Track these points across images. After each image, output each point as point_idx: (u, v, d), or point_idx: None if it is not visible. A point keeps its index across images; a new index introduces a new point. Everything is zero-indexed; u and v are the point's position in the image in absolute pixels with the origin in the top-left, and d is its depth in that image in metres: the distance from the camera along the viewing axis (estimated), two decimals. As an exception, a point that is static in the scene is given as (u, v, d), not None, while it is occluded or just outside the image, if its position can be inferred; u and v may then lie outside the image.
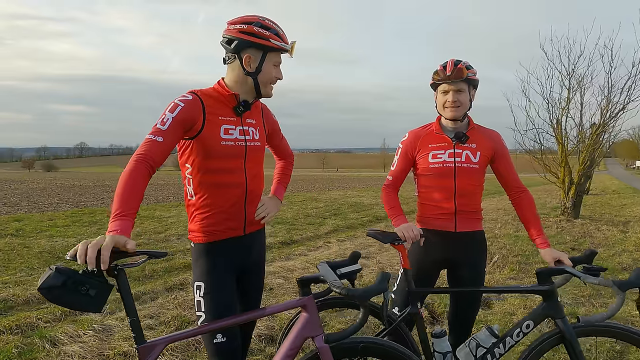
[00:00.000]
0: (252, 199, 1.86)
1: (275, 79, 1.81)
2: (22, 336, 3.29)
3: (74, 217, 9.62)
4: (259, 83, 1.76)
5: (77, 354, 2.99)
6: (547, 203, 14.48)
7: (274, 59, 1.76)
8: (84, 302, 1.24)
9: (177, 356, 2.99)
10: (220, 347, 1.69)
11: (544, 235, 2.08)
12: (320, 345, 1.54)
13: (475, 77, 2.09)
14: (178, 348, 3.06)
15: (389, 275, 1.46)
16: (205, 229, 1.78)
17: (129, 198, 1.41)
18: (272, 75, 1.78)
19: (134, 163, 1.51)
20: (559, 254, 1.96)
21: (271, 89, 1.83)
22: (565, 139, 10.12)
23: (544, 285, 1.90)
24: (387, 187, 2.26)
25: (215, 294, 1.74)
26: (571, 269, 1.84)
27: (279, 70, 1.81)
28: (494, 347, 1.92)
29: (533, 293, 2.02)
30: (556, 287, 1.91)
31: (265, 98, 1.87)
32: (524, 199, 2.17)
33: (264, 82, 1.77)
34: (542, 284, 1.90)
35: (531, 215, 2.14)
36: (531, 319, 1.91)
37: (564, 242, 7.24)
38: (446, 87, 2.08)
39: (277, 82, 1.82)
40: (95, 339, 3.23)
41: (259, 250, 1.96)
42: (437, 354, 2.01)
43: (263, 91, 1.80)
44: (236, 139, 1.77)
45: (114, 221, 1.33)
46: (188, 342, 3.12)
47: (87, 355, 3.00)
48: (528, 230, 2.14)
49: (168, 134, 1.60)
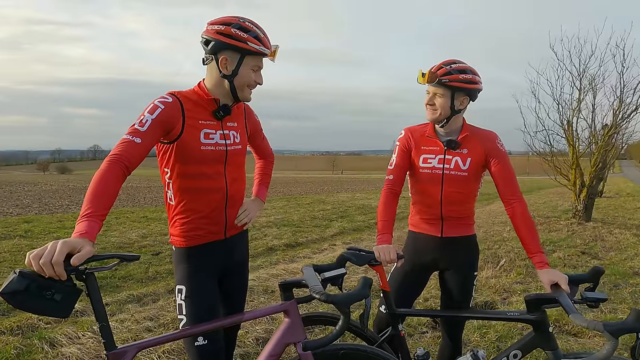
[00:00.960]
0: (233, 203, 1.83)
1: (253, 83, 1.75)
2: (22, 337, 3.31)
3: (82, 219, 9.73)
4: (235, 86, 1.72)
5: (75, 356, 2.99)
6: (558, 206, 14.22)
7: (251, 62, 1.70)
8: (49, 308, 1.19)
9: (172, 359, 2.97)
10: (202, 350, 1.67)
11: (542, 254, 1.87)
12: (302, 351, 1.51)
13: (456, 84, 1.93)
14: (175, 351, 3.05)
15: (371, 281, 1.42)
16: (185, 233, 1.76)
17: (100, 199, 1.36)
18: (250, 79, 1.72)
19: (108, 163, 1.46)
20: (558, 276, 1.71)
21: (249, 92, 1.77)
22: (576, 141, 9.93)
23: (533, 314, 1.74)
24: (387, 192, 2.12)
25: (196, 298, 1.72)
26: (564, 299, 1.61)
27: (258, 75, 1.76)
28: None
29: (521, 322, 1.84)
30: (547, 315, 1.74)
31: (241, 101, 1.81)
32: (516, 210, 1.96)
33: (240, 85, 1.72)
34: (531, 312, 1.74)
35: (526, 230, 1.92)
36: (519, 348, 1.79)
37: (574, 246, 7.08)
38: (427, 88, 2.04)
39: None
40: (93, 341, 3.24)
41: (242, 252, 1.94)
42: None
43: (240, 95, 1.75)
44: (216, 144, 1.74)
45: (81, 222, 1.29)
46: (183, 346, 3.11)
47: (84, 357, 3.00)
48: (524, 246, 1.93)
49: (146, 135, 1.56)
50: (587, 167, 9.94)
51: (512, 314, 1.87)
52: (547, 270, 1.80)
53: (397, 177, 2.14)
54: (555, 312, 3.88)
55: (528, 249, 1.91)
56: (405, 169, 2.16)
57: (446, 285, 2.17)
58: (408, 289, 2.17)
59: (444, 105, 1.98)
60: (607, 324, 1.39)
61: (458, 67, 1.96)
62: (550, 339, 1.72)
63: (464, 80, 1.94)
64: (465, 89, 1.96)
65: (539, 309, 1.74)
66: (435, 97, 2.00)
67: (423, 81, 2.00)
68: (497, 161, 2.03)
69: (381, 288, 1.99)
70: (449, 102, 1.97)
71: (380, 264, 1.91)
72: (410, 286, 2.17)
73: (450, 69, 1.95)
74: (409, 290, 2.17)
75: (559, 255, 6.32)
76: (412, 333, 3.50)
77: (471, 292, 2.14)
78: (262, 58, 1.74)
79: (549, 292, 1.72)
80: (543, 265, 1.83)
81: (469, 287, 2.13)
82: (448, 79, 1.93)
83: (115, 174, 1.46)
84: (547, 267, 1.81)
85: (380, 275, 1.96)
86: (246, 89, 1.75)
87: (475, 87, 1.99)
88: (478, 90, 2.01)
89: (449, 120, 2.02)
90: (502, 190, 2.02)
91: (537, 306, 1.74)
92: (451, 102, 1.97)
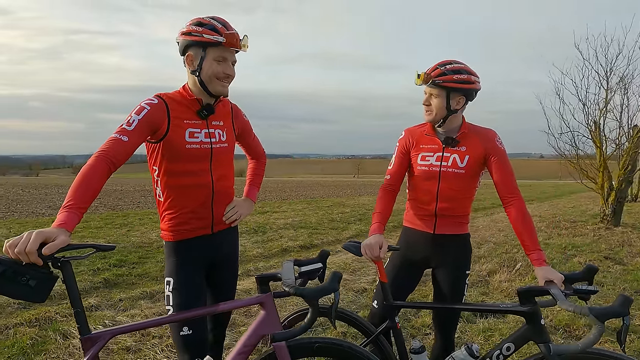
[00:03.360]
0: (220, 199, 1.89)
1: (221, 74, 1.76)
2: (38, 329, 3.49)
3: (107, 220, 10.09)
4: (202, 80, 1.76)
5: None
6: (588, 210, 13.71)
7: (213, 54, 1.73)
8: (23, 292, 1.27)
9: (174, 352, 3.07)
10: (186, 340, 1.74)
11: (540, 251, 1.86)
12: (277, 343, 1.55)
13: (451, 84, 1.94)
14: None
15: (340, 275, 1.45)
16: (173, 228, 1.83)
17: (83, 192, 1.44)
18: (215, 71, 1.74)
19: (95, 159, 1.54)
20: (553, 274, 1.73)
21: (220, 85, 1.79)
22: (604, 142, 9.57)
23: (525, 306, 1.74)
24: (384, 189, 2.18)
25: (184, 290, 1.78)
26: (555, 289, 1.62)
27: (226, 66, 1.77)
28: None
29: (513, 314, 1.82)
30: (540, 308, 1.73)
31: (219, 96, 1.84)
32: (515, 208, 1.96)
33: (206, 78, 1.76)
34: (523, 304, 1.74)
35: (524, 228, 1.91)
36: (512, 341, 1.78)
37: (598, 251, 6.82)
38: (424, 89, 2.05)
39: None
40: (103, 334, 3.38)
41: (230, 246, 1.99)
42: None
43: (211, 88, 1.78)
44: (201, 142, 1.81)
45: (61, 213, 1.37)
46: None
47: (93, 349, 3.13)
48: (522, 244, 1.92)
49: (133, 134, 1.64)
50: (616, 170, 9.57)
51: (505, 306, 1.86)
52: (544, 267, 1.80)
53: (395, 176, 2.18)
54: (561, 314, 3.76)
55: (526, 246, 1.90)
56: (404, 169, 2.19)
57: (438, 283, 2.17)
58: (400, 283, 2.17)
59: (439, 106, 2.00)
60: (593, 308, 1.41)
61: (453, 67, 1.97)
62: (542, 331, 1.71)
63: (458, 80, 1.94)
64: (461, 89, 1.97)
65: (531, 301, 1.74)
66: (431, 97, 2.02)
67: (419, 82, 2.02)
68: (496, 159, 2.02)
69: (379, 279, 2.02)
70: (445, 102, 1.98)
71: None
72: (402, 281, 2.18)
73: (445, 69, 1.96)
74: (401, 285, 2.18)
75: (578, 260, 6.11)
76: (415, 334, 3.47)
77: (463, 291, 2.13)
78: (228, 49, 1.75)
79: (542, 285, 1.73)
80: (541, 263, 1.83)
81: (460, 286, 2.12)
82: (442, 79, 1.95)
83: (101, 169, 1.54)
84: (545, 265, 1.81)
85: (378, 267, 2.00)
86: (215, 81, 1.77)
87: (471, 87, 1.98)
88: (474, 90, 2.00)
89: (445, 120, 2.03)
90: (501, 188, 2.02)
91: (529, 298, 1.74)
92: (447, 103, 1.98)
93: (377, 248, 1.91)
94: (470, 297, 4.55)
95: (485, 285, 4.99)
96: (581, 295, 1.66)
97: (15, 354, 3.05)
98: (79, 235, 7.84)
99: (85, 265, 5.61)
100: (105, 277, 5.08)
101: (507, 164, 2.04)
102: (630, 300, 1.43)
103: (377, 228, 2.03)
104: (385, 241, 1.96)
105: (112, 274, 5.24)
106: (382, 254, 1.91)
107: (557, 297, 1.57)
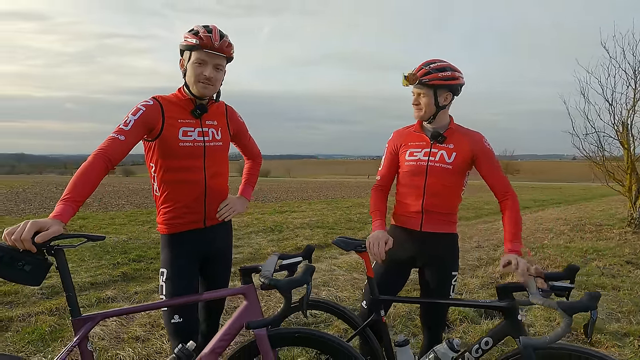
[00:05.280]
0: (213, 195, 1.98)
1: (200, 76, 1.83)
2: (58, 317, 3.70)
3: (131, 217, 10.47)
4: (186, 82, 1.88)
5: (97, 336, 3.31)
6: (617, 214, 13.20)
7: (194, 57, 1.83)
8: (20, 277, 1.39)
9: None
10: (177, 327, 1.84)
11: (516, 242, 1.91)
12: (258, 332, 1.62)
13: (437, 82, 2.02)
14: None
15: (312, 268, 1.52)
16: (168, 221, 1.94)
17: (81, 187, 1.56)
18: (195, 72, 1.83)
19: (93, 157, 1.66)
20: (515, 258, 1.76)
21: (202, 87, 1.86)
22: (632, 143, 9.22)
23: (502, 302, 1.79)
24: (376, 189, 2.29)
25: (176, 280, 1.89)
26: (530, 285, 1.65)
27: (206, 68, 1.83)
28: None
29: (491, 309, 1.87)
30: (518, 304, 1.77)
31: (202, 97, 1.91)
32: (507, 203, 2.04)
33: (189, 81, 1.87)
34: (502, 300, 1.79)
35: (509, 219, 2.00)
36: (490, 336, 1.83)
37: (620, 255, 6.60)
38: (412, 89, 2.13)
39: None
40: (116, 324, 3.55)
41: (223, 241, 2.09)
42: None
43: (193, 90, 1.88)
44: (194, 140, 1.91)
45: (59, 205, 1.49)
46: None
47: (105, 337, 3.30)
48: (505, 235, 1.99)
49: (130, 133, 1.76)
50: (644, 172, 9.20)
51: (484, 301, 1.92)
52: (511, 255, 1.82)
53: (386, 177, 2.28)
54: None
55: (506, 237, 1.97)
56: (394, 169, 2.26)
57: (424, 283, 2.21)
58: (389, 280, 2.21)
59: (428, 103, 2.08)
60: (562, 302, 1.48)
61: (437, 66, 2.05)
62: (519, 326, 1.76)
63: (443, 77, 2.03)
64: (447, 86, 2.05)
65: (509, 297, 1.79)
66: (419, 97, 2.10)
67: (406, 83, 2.09)
68: (485, 160, 2.09)
69: (367, 274, 2.09)
70: (433, 99, 2.07)
71: (365, 250, 2.04)
72: (390, 277, 2.22)
73: (430, 68, 2.04)
74: (389, 282, 2.21)
75: (597, 265, 5.93)
76: (417, 333, 3.49)
77: (449, 292, 2.14)
78: (206, 52, 1.82)
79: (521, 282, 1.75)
80: (510, 251, 1.88)
81: (447, 286, 2.14)
82: (428, 78, 2.03)
83: (98, 166, 1.66)
84: (514, 254, 1.83)
85: (365, 261, 2.07)
86: (197, 84, 1.86)
87: (456, 83, 2.07)
88: (459, 85, 2.09)
89: (435, 116, 2.11)
90: (495, 187, 2.09)
91: (507, 293, 1.79)
92: (435, 99, 2.07)
93: (383, 243, 1.99)
94: (480, 298, 4.51)
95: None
96: (558, 291, 1.69)
97: (35, 339, 3.26)
98: (104, 231, 8.18)
99: (106, 260, 5.88)
100: (123, 271, 5.31)
101: (496, 163, 2.12)
102: (599, 295, 1.46)
103: (380, 225, 2.13)
104: (390, 238, 2.03)
105: (131, 268, 5.47)
106: (387, 247, 1.99)
107: (530, 292, 1.62)
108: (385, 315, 2.15)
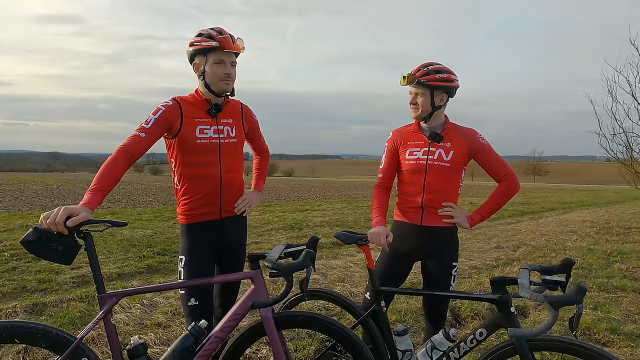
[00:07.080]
0: (228, 188, 2.13)
1: (222, 74, 1.99)
2: (87, 304, 3.97)
3: (158, 213, 10.85)
4: (207, 83, 2.02)
5: (122, 321, 3.54)
6: (649, 217, 12.75)
7: (212, 58, 1.98)
8: (53, 255, 1.58)
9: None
10: (193, 309, 2.01)
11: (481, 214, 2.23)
12: (264, 314, 1.76)
13: (434, 83, 2.13)
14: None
15: (312, 254, 1.64)
16: (186, 212, 2.10)
17: (105, 178, 1.75)
18: (216, 72, 1.99)
19: (117, 152, 1.85)
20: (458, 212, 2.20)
21: (225, 83, 2.01)
22: (662, 144, 8.95)
23: (495, 294, 1.85)
24: (377, 186, 2.39)
25: (193, 266, 2.05)
26: (522, 279, 1.68)
27: (226, 67, 1.99)
28: (449, 351, 1.97)
29: (485, 301, 1.94)
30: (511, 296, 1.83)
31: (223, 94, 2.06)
32: (500, 185, 2.23)
33: (211, 80, 2.01)
34: (495, 293, 1.86)
35: (490, 196, 2.25)
36: (484, 327, 1.90)
37: (645, 258, 6.44)
38: (409, 89, 2.23)
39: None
40: (140, 311, 3.78)
41: (238, 232, 2.23)
42: (399, 352, 2.12)
43: (214, 88, 2.02)
44: (210, 137, 2.06)
45: (87, 194, 1.68)
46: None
47: (130, 323, 3.53)
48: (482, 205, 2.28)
49: (150, 131, 1.94)
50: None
51: (478, 294, 2.01)
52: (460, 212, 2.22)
53: (387, 174, 2.39)
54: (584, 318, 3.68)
55: (481, 207, 2.26)
56: (394, 166, 2.37)
57: (426, 275, 2.32)
58: (390, 273, 2.31)
59: (424, 103, 2.19)
60: (548, 296, 1.53)
61: (434, 68, 2.17)
62: (512, 318, 1.82)
63: (440, 79, 2.15)
64: (443, 87, 2.16)
65: (502, 289, 1.86)
66: (417, 96, 2.21)
67: (404, 83, 2.21)
68: (482, 153, 2.24)
69: (367, 267, 2.20)
70: (429, 99, 2.18)
71: (367, 244, 2.18)
72: (392, 271, 2.32)
73: (428, 70, 2.16)
74: (391, 275, 2.31)
75: (619, 267, 5.82)
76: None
77: (450, 282, 2.24)
78: (224, 52, 1.97)
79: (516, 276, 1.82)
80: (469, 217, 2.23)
81: (447, 277, 2.24)
82: (426, 79, 2.14)
83: (122, 161, 1.85)
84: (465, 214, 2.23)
85: (366, 254, 2.18)
86: (219, 82, 2.01)
87: (452, 85, 2.18)
88: (455, 87, 2.20)
89: (431, 115, 2.21)
90: (494, 172, 2.25)
91: (501, 287, 1.86)
92: (431, 100, 2.17)
93: (384, 236, 2.11)
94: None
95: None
96: (549, 285, 1.74)
97: (66, 323, 3.51)
98: (131, 226, 8.53)
99: (133, 253, 6.17)
100: (148, 263, 5.58)
101: (494, 153, 2.25)
102: (584, 289, 1.51)
103: (380, 220, 2.24)
104: (390, 233, 2.15)
105: (155, 261, 5.73)
106: (388, 240, 2.12)
107: (520, 286, 1.66)
108: (388, 306, 2.26)
